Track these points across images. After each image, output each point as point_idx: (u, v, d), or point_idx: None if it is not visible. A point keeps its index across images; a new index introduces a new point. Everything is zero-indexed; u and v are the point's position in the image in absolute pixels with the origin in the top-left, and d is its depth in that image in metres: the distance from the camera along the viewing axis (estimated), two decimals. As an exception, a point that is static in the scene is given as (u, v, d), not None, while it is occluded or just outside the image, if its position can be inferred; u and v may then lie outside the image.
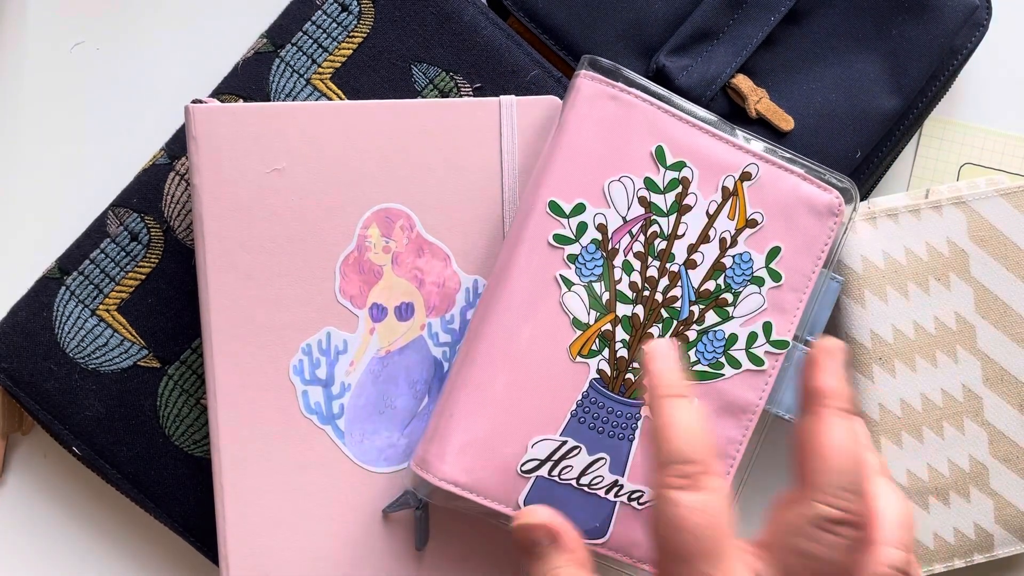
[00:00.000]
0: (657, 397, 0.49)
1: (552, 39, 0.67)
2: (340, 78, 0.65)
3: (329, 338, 0.62)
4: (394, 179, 0.62)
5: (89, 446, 0.64)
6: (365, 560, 0.62)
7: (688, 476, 0.47)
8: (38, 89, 0.71)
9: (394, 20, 0.65)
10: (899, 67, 0.67)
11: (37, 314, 0.64)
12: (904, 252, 0.66)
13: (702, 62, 0.66)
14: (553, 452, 0.60)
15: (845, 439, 0.49)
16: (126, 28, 0.72)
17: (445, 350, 0.62)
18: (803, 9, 0.67)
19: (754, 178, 0.61)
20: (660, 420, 0.48)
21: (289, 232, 0.61)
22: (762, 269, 0.61)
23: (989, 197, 0.66)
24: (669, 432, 0.48)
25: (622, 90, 0.60)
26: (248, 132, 0.60)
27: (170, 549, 0.70)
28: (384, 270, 0.62)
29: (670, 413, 0.48)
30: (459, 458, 0.59)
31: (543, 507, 0.53)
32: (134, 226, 0.65)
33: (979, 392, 0.66)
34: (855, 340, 0.66)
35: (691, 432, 0.48)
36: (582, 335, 0.60)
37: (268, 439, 0.61)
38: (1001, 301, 0.66)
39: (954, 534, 0.66)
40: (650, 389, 0.50)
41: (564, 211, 0.60)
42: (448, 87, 0.65)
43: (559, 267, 0.59)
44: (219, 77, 0.66)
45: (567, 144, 0.60)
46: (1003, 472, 0.66)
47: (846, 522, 0.47)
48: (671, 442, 0.47)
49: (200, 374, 0.65)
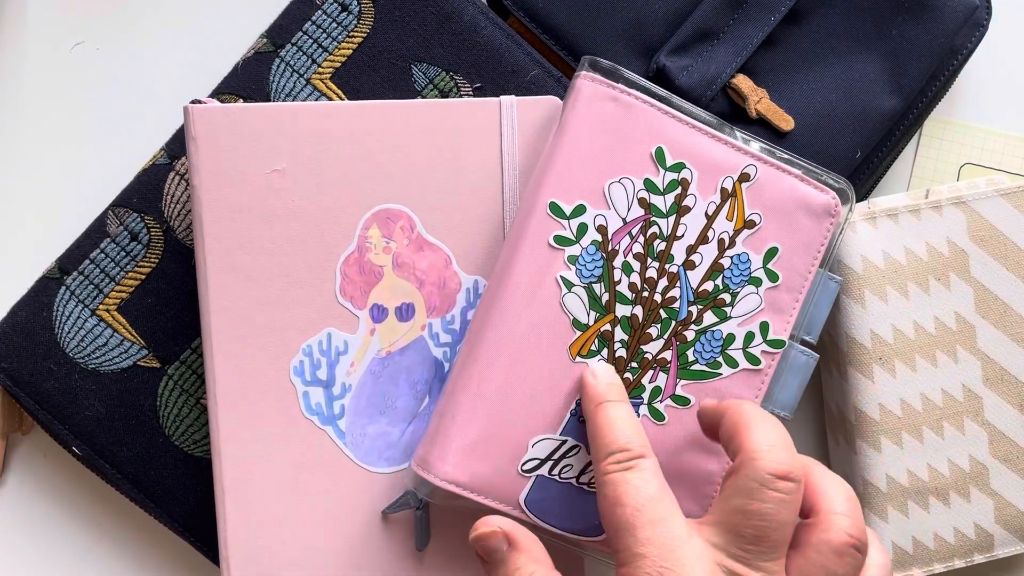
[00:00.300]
0: (591, 408, 0.57)
1: (552, 39, 0.67)
2: (340, 78, 0.65)
3: (330, 339, 0.62)
4: (394, 179, 0.61)
5: (89, 446, 0.64)
6: (366, 560, 0.62)
7: (622, 461, 0.53)
8: (38, 89, 0.71)
9: (394, 20, 0.65)
10: (899, 67, 0.67)
11: (37, 314, 0.64)
12: (904, 252, 0.66)
13: (702, 62, 0.66)
14: (553, 451, 0.60)
15: (762, 411, 0.55)
16: (126, 28, 0.72)
17: (446, 350, 0.62)
18: (803, 9, 0.67)
19: (752, 179, 0.61)
20: (595, 423, 0.56)
21: (289, 233, 0.61)
22: (760, 269, 0.61)
23: (989, 197, 0.66)
24: (603, 430, 0.55)
25: (622, 91, 0.60)
26: (248, 132, 0.60)
27: (170, 549, 0.70)
28: (384, 271, 0.62)
29: (603, 415, 0.56)
30: (460, 458, 0.59)
31: (495, 516, 0.55)
32: (134, 226, 0.65)
33: (979, 392, 0.66)
34: (855, 340, 0.66)
35: (621, 426, 0.55)
36: (582, 336, 0.60)
37: (269, 440, 0.61)
38: (1001, 301, 0.66)
39: (954, 534, 0.67)
40: (584, 403, 0.58)
41: (564, 212, 0.60)
42: (448, 87, 0.65)
43: (559, 268, 0.60)
44: (219, 77, 0.66)
45: (567, 145, 0.60)
46: (1003, 472, 0.67)
47: (785, 476, 0.51)
48: (605, 436, 0.55)
49: (200, 374, 0.65)
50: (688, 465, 0.61)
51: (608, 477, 0.53)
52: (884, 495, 0.66)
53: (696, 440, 0.61)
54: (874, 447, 0.66)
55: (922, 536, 0.66)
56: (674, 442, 0.61)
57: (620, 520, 0.52)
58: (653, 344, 0.60)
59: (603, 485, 0.53)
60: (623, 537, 0.51)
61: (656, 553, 0.50)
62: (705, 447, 0.61)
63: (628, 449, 0.54)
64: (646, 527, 0.51)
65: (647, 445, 0.55)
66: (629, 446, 0.54)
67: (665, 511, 0.52)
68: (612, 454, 0.54)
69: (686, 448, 0.61)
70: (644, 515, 0.51)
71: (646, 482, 0.53)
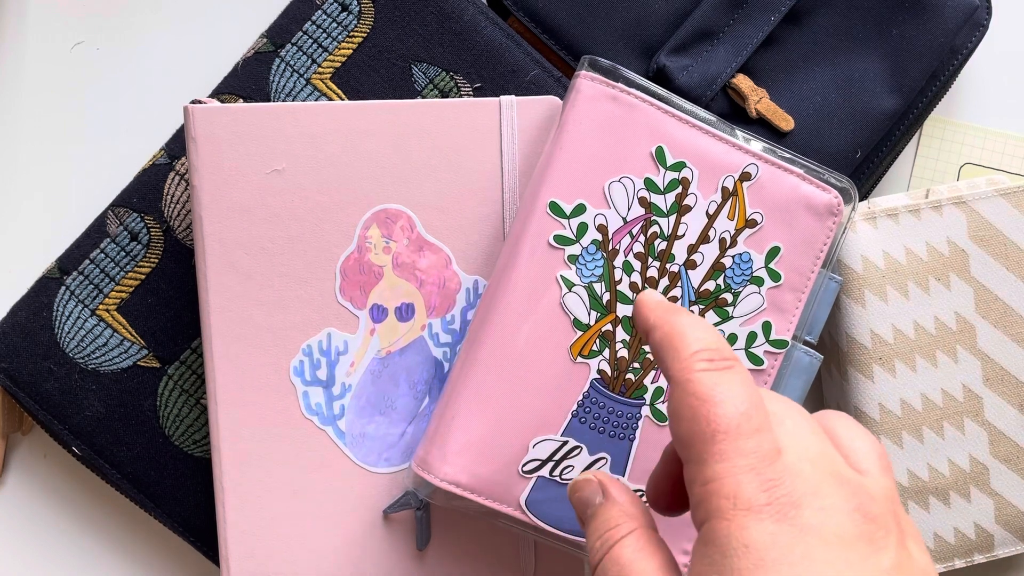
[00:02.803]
0: (659, 318, 0.46)
1: (552, 39, 0.67)
2: (340, 78, 0.65)
3: (330, 339, 0.62)
4: (394, 179, 0.61)
5: (89, 446, 0.64)
6: (366, 561, 0.62)
7: (715, 360, 0.43)
8: (38, 89, 0.71)
9: (394, 20, 0.65)
10: (899, 67, 0.67)
11: (37, 314, 0.64)
12: (904, 252, 0.66)
13: (702, 62, 0.66)
14: (554, 452, 0.60)
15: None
16: (126, 28, 0.72)
17: (446, 351, 0.62)
18: (803, 9, 0.67)
19: (754, 178, 0.61)
20: (673, 326, 0.44)
21: (289, 233, 0.61)
22: (761, 269, 0.61)
23: (989, 197, 0.66)
24: (688, 329, 0.44)
25: (622, 91, 0.60)
26: (247, 133, 0.60)
27: (170, 549, 0.70)
28: (384, 271, 0.62)
29: (685, 318, 0.45)
30: (460, 459, 0.59)
31: (596, 470, 0.53)
32: (134, 226, 0.65)
33: (979, 392, 0.66)
34: (855, 340, 0.66)
35: (710, 328, 0.45)
36: (583, 335, 0.60)
37: (269, 440, 0.61)
38: (1001, 301, 0.66)
39: (954, 534, 0.67)
40: (648, 317, 0.46)
41: (564, 212, 0.60)
42: (448, 87, 0.65)
43: (560, 268, 0.59)
44: (219, 77, 0.66)
45: (567, 145, 0.60)
46: (1003, 472, 0.67)
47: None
48: (690, 334, 0.44)
49: (200, 374, 0.65)
50: None
51: (700, 375, 0.42)
52: (884, 495, 0.66)
53: None
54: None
55: (922, 536, 0.66)
56: (675, 442, 0.61)
57: (711, 424, 0.41)
58: (653, 344, 0.60)
59: (689, 384, 0.42)
60: (715, 443, 0.41)
61: (752, 466, 0.40)
62: None
63: (719, 349, 0.43)
64: (752, 436, 0.41)
65: (738, 358, 0.45)
66: (721, 346, 0.43)
67: (764, 421, 0.42)
68: (701, 351, 0.43)
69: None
70: (751, 422, 0.41)
71: (746, 385, 0.42)
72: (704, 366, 0.42)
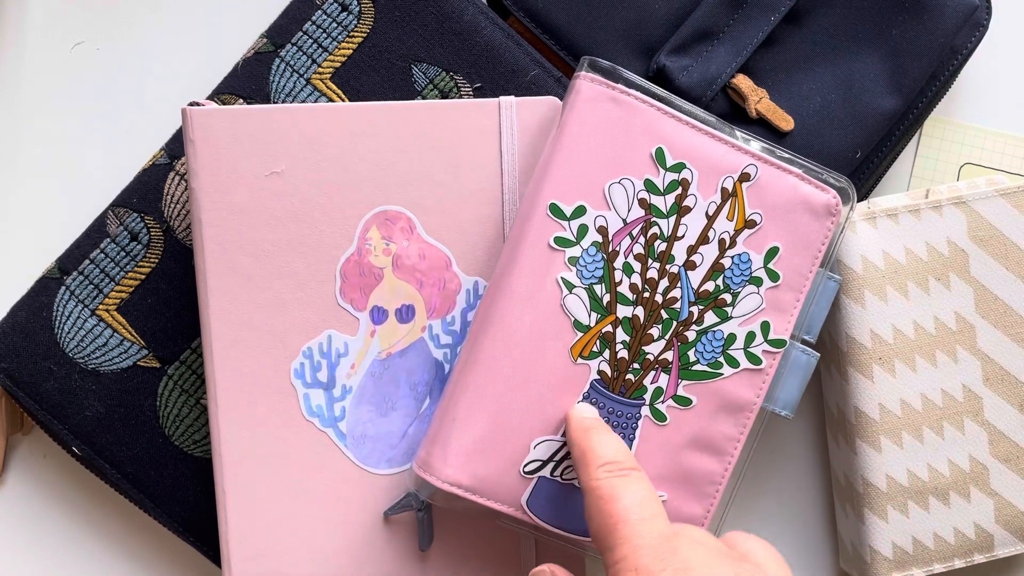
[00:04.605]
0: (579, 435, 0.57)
1: (552, 39, 0.67)
2: (340, 78, 0.65)
3: (330, 341, 0.62)
4: (394, 181, 0.61)
5: (89, 446, 0.64)
6: (368, 562, 0.62)
7: (614, 471, 0.54)
8: (38, 89, 0.71)
9: (394, 20, 0.65)
10: (899, 67, 0.67)
11: (37, 314, 0.64)
12: (904, 252, 0.66)
13: (702, 62, 0.66)
14: (555, 452, 0.60)
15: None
16: (126, 28, 0.72)
17: (446, 352, 0.62)
18: (803, 9, 0.67)
19: (753, 179, 0.61)
20: (586, 443, 0.56)
21: (289, 235, 0.61)
22: (760, 269, 0.61)
23: (989, 197, 0.66)
24: (595, 446, 0.56)
25: (622, 92, 0.60)
26: (246, 134, 0.60)
27: (170, 549, 0.70)
28: (385, 272, 0.62)
29: (595, 437, 0.56)
30: (461, 460, 0.59)
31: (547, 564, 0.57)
32: (134, 226, 0.65)
33: (979, 392, 0.66)
34: (855, 340, 0.66)
35: (615, 444, 0.56)
36: (583, 337, 0.60)
37: (270, 443, 0.61)
38: (1001, 301, 0.66)
39: (954, 534, 0.67)
40: (571, 432, 0.58)
41: (565, 213, 0.60)
42: (448, 87, 0.65)
43: (560, 269, 0.59)
44: (219, 77, 0.66)
45: (567, 146, 0.60)
46: (1003, 472, 0.67)
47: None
48: (596, 450, 0.55)
49: (200, 374, 0.65)
50: (690, 465, 0.61)
51: (601, 482, 0.53)
52: (884, 495, 0.66)
53: (698, 440, 0.61)
54: (874, 447, 0.66)
55: (922, 536, 0.66)
56: (676, 442, 0.61)
57: (612, 517, 0.51)
58: (655, 345, 0.60)
59: (597, 488, 0.53)
60: (617, 531, 0.51)
61: (649, 544, 0.50)
62: (707, 447, 0.61)
63: (620, 462, 0.54)
64: (648, 521, 0.51)
65: (637, 465, 0.55)
66: (620, 458, 0.55)
67: (657, 510, 0.52)
68: (606, 464, 0.54)
69: (688, 448, 0.61)
70: (646, 509, 0.51)
71: (640, 485, 0.53)
72: (605, 475, 0.54)
